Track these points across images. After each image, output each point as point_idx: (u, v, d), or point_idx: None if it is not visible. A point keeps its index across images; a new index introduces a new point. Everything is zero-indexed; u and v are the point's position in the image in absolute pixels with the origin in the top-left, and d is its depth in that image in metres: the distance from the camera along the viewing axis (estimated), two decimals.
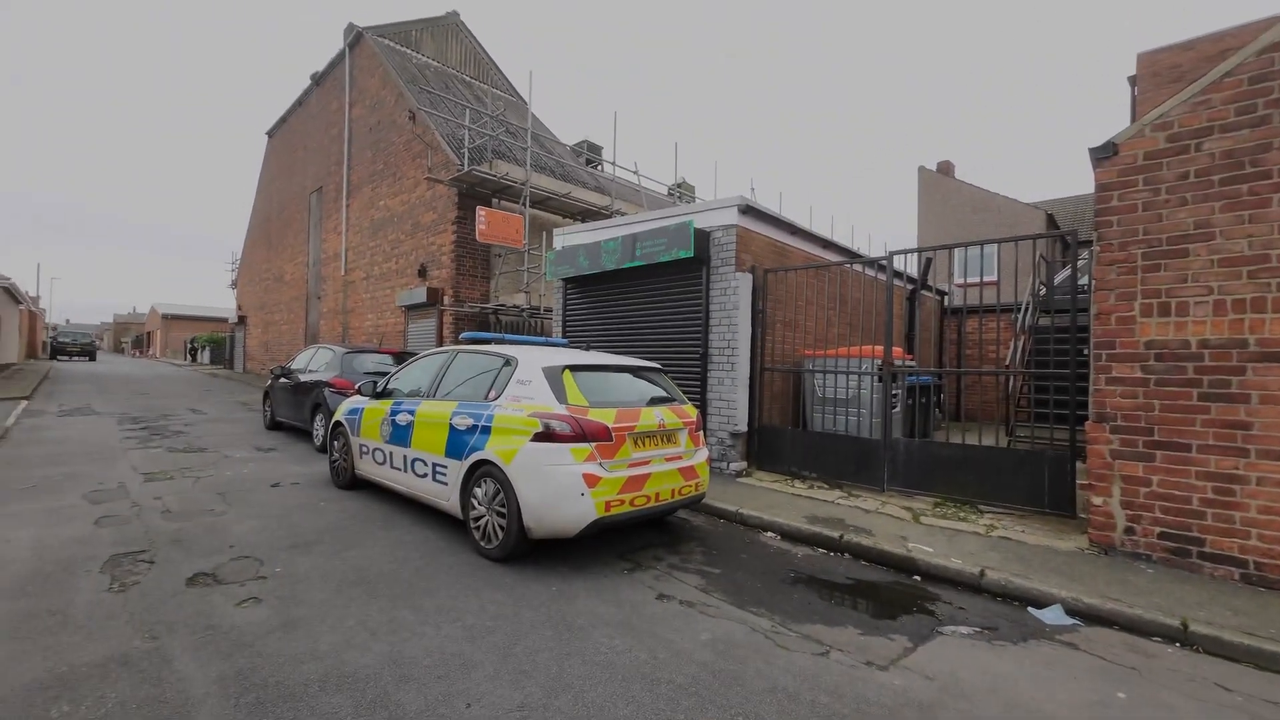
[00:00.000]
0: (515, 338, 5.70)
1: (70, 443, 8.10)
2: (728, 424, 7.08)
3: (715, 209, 7.36)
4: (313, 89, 20.78)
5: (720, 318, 7.21)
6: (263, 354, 24.41)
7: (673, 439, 4.62)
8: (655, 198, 19.63)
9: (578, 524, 3.95)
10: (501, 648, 2.96)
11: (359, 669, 2.71)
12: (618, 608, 3.49)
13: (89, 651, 2.79)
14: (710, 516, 5.62)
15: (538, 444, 4.03)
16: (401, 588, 3.65)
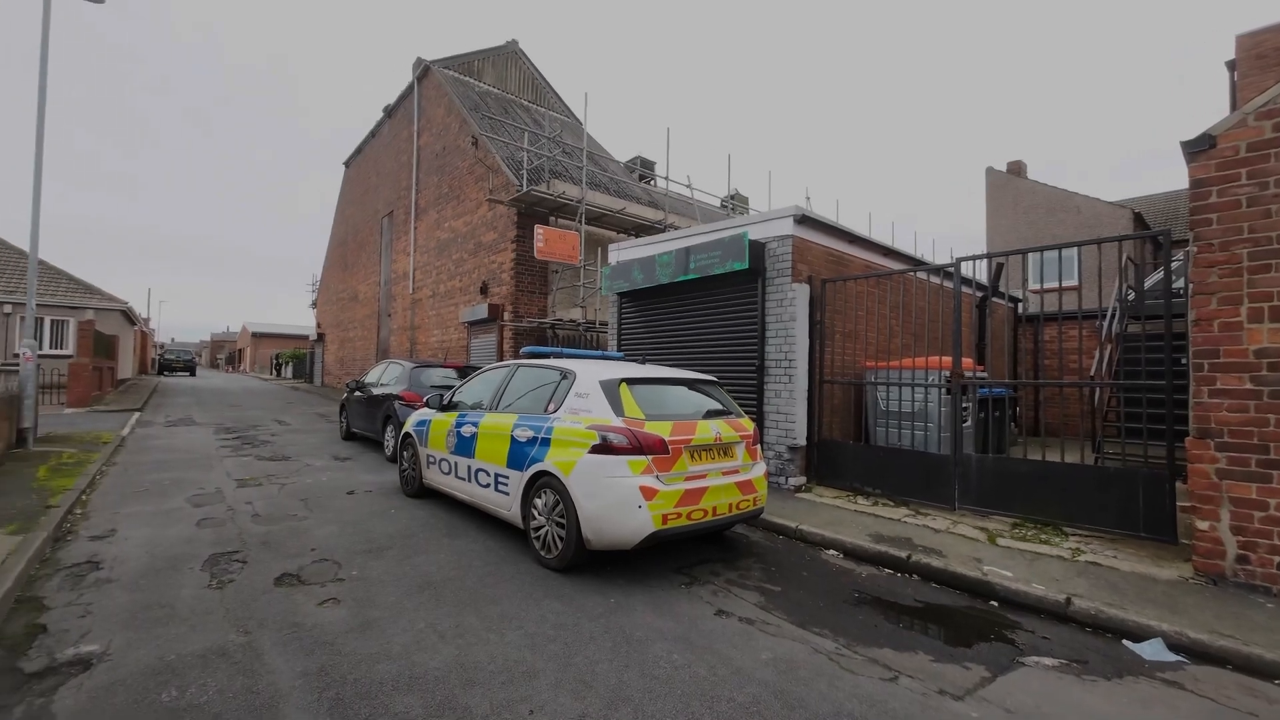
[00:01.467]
0: (572, 352, 5.84)
1: (175, 450, 8.92)
2: (785, 438, 6.94)
3: (770, 220, 7.30)
4: (385, 120, 22.21)
5: (777, 329, 7.10)
6: (339, 369, 26.02)
7: (729, 452, 4.58)
8: (708, 210, 19.65)
9: (635, 536, 3.97)
10: (562, 657, 3.01)
11: (428, 671, 2.83)
12: (676, 622, 3.48)
13: (192, 642, 3.05)
14: (768, 532, 5.51)
15: (595, 456, 4.09)
16: (466, 594, 3.78)
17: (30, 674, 2.72)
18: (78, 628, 3.17)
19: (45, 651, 2.92)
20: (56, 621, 3.24)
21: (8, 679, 2.67)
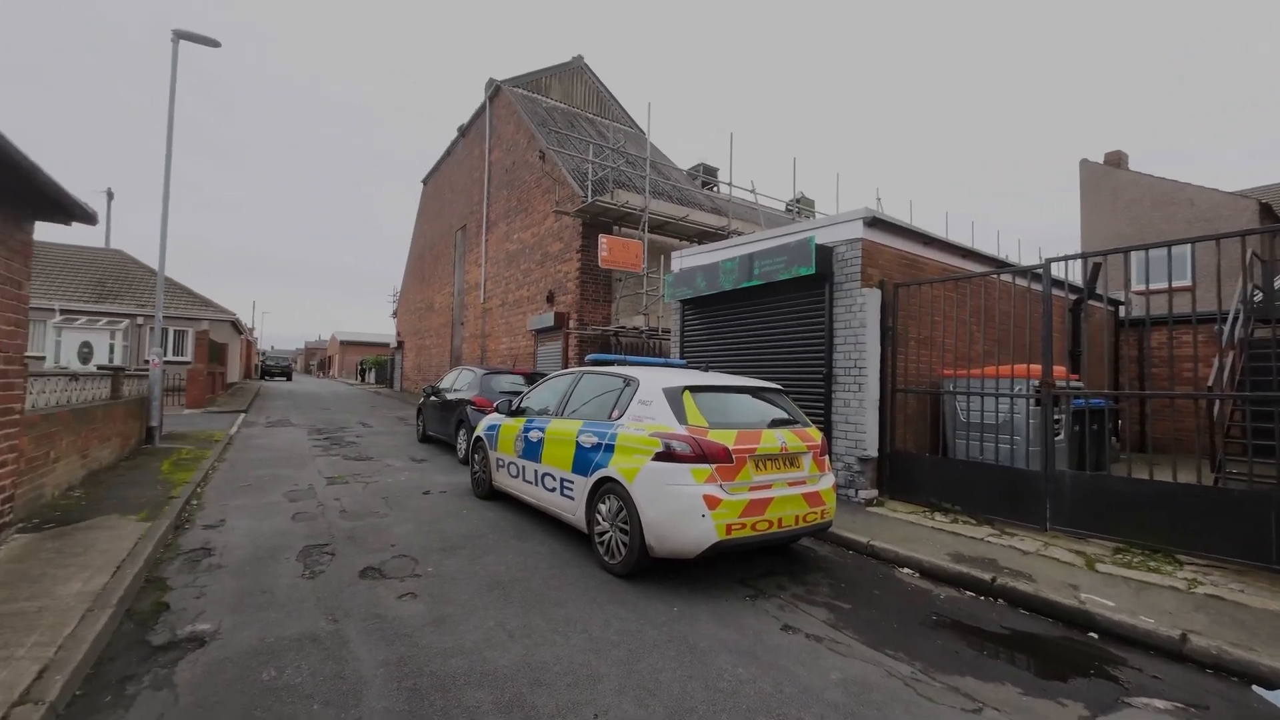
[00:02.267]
0: (636, 359, 5.90)
1: (274, 449, 9.74)
2: (855, 449, 6.67)
3: (838, 223, 7.08)
4: (459, 139, 23.42)
5: (845, 336, 6.86)
6: (416, 375, 27.55)
7: (796, 463, 4.46)
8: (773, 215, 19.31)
9: (698, 545, 3.94)
10: (626, 663, 3.03)
11: (498, 668, 2.93)
12: (740, 635, 3.42)
13: (288, 627, 3.31)
14: (837, 547, 5.31)
15: (659, 463, 4.11)
16: (533, 595, 3.89)
17: (156, 647, 3.05)
18: (194, 608, 3.52)
19: (168, 627, 3.26)
20: (177, 601, 3.61)
21: (138, 650, 3.00)
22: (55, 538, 4.38)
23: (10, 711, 2.27)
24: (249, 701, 2.58)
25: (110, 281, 20.93)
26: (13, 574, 3.64)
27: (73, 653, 2.73)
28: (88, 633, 2.92)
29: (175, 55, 9.95)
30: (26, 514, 4.82)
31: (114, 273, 21.51)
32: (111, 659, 2.91)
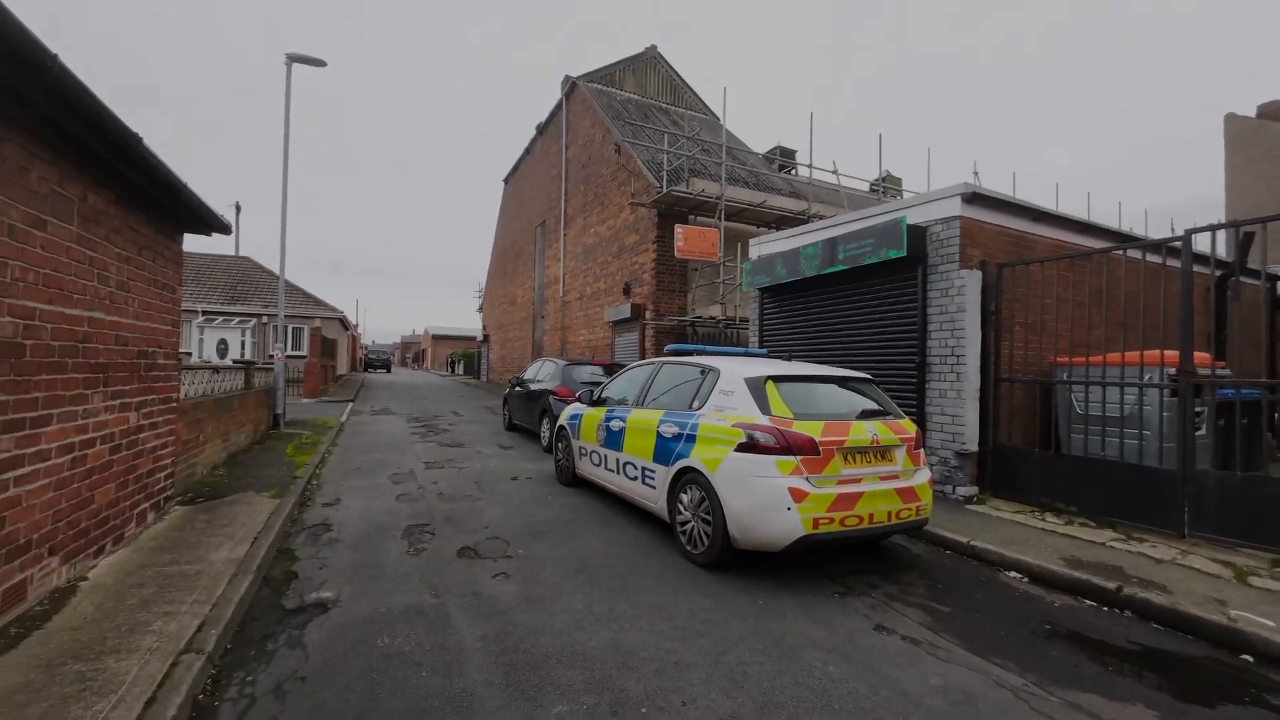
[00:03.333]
0: (715, 349, 5.84)
1: (378, 435, 10.59)
2: (952, 442, 6.24)
3: (932, 201, 6.60)
4: (537, 137, 24.12)
5: (941, 322, 6.41)
6: (501, 366, 28.88)
7: (888, 456, 4.24)
8: (857, 197, 18.35)
9: (784, 539, 3.86)
10: (712, 653, 3.03)
11: (587, 650, 3.03)
12: (830, 633, 3.31)
13: (396, 599, 3.60)
14: (933, 546, 5.00)
15: (741, 454, 4.05)
16: (618, 581, 3.98)
17: (288, 610, 3.41)
18: (317, 577, 3.91)
19: (297, 593, 3.64)
20: (303, 570, 4.03)
21: (274, 612, 3.38)
22: (205, 510, 5.02)
23: (179, 658, 2.63)
24: (367, 665, 2.83)
25: (240, 285, 23.54)
26: (175, 540, 4.21)
27: (223, 611, 3.12)
28: (234, 594, 3.33)
29: (289, 77, 10.95)
30: (183, 489, 5.55)
31: (243, 277, 24.17)
32: (254, 619, 3.29)
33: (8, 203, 2.83)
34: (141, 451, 4.37)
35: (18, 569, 2.95)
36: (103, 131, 3.18)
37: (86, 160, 3.47)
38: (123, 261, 4.01)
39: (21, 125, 2.89)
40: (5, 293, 2.81)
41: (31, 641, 2.73)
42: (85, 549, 3.59)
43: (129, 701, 2.30)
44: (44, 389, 3.13)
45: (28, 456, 3.01)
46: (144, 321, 4.35)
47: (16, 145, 2.88)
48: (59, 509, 3.30)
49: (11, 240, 2.86)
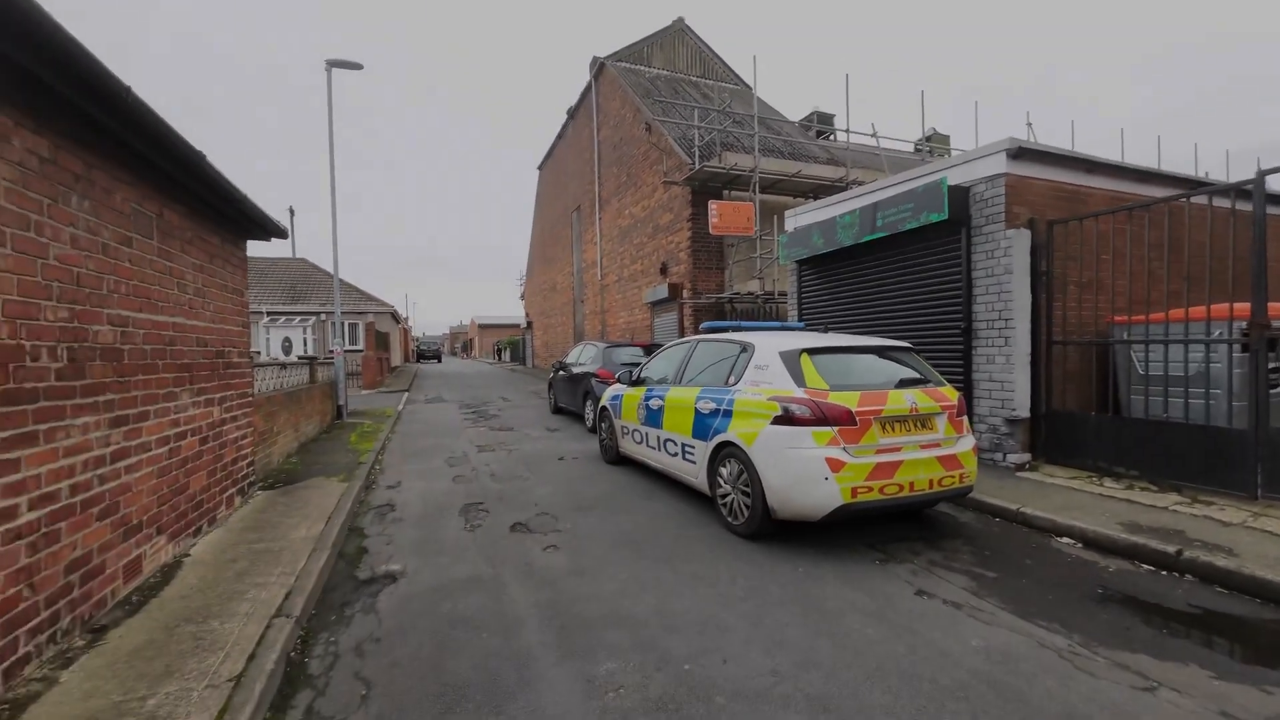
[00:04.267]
0: (751, 325, 5.87)
1: (432, 422, 11.12)
2: (1001, 409, 6.07)
3: (974, 159, 6.34)
4: (569, 122, 24.16)
5: (987, 285, 6.20)
6: (544, 351, 29.50)
7: (928, 424, 4.21)
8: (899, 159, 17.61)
9: (822, 508, 3.92)
10: (752, 616, 3.16)
11: (633, 614, 3.21)
12: (870, 597, 3.38)
13: (457, 571, 3.88)
14: (980, 514, 4.94)
15: (778, 427, 4.11)
16: (662, 552, 4.14)
17: (361, 581, 3.75)
18: (385, 552, 4.25)
19: (368, 566, 3.98)
20: (373, 546, 4.38)
21: (350, 583, 3.72)
22: (283, 494, 5.48)
23: (271, 621, 2.96)
24: (434, 627, 3.10)
25: (299, 285, 24.85)
26: (259, 521, 4.64)
27: (305, 581, 3.47)
28: (314, 567, 3.68)
29: (330, 81, 11.39)
30: (262, 475, 6.06)
31: (300, 277, 25.49)
32: (332, 588, 3.64)
33: (99, 223, 3.17)
34: (225, 442, 4.81)
35: (133, 545, 3.36)
36: (172, 152, 3.49)
37: (159, 179, 3.81)
38: (197, 270, 4.40)
39: (104, 151, 3.21)
40: (104, 303, 3.17)
41: (150, 607, 3.13)
42: (186, 529, 4.03)
43: (234, 657, 2.63)
44: (141, 388, 3.52)
45: (133, 448, 3.41)
46: (219, 324, 4.76)
47: (102, 170, 3.21)
48: (161, 494, 3.72)
49: (105, 256, 3.21)
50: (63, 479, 2.77)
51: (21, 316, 2.54)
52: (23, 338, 2.54)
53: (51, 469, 2.69)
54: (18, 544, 2.47)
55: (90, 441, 2.99)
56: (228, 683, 2.43)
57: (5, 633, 2.37)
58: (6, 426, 2.43)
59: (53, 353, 2.72)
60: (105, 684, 2.43)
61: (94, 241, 3.10)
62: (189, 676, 2.48)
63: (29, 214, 2.62)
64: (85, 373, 2.96)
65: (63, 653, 2.67)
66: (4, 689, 2.35)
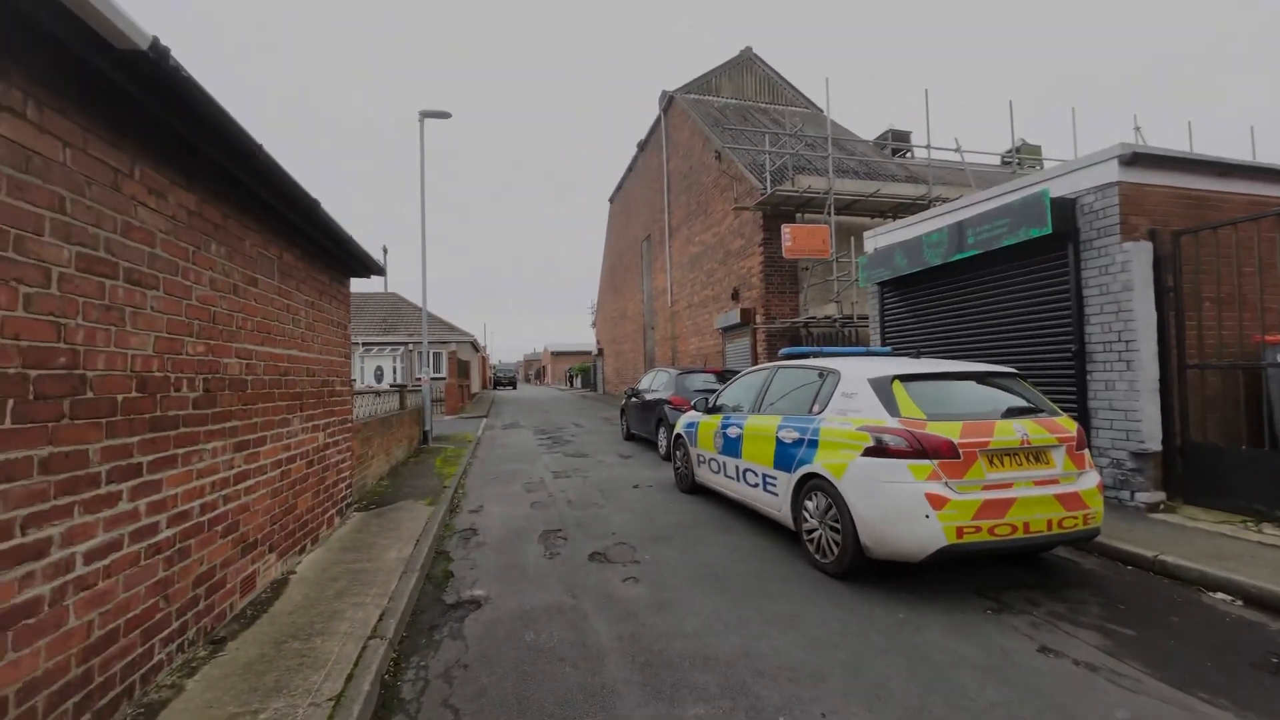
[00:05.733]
0: (833, 350, 5.63)
1: (510, 448, 11.45)
2: (1125, 440, 5.42)
3: (1079, 169, 5.84)
4: (639, 154, 24.82)
5: (1102, 304, 5.63)
6: (615, 378, 29.87)
7: (1043, 458, 3.81)
8: (985, 174, 16.66)
9: (923, 549, 3.61)
10: (849, 665, 2.92)
11: (719, 654, 3.06)
12: (985, 652, 3.04)
13: (538, 598, 3.88)
14: (1108, 560, 4.38)
15: (870, 459, 3.86)
16: (745, 588, 3.96)
17: (449, 605, 3.83)
18: (469, 577, 4.33)
19: (454, 590, 4.07)
20: (458, 570, 4.49)
21: (437, 606, 3.81)
22: (377, 516, 5.77)
23: (367, 642, 3.07)
24: (518, 657, 3.09)
25: (389, 317, 26.74)
26: (355, 542, 4.90)
27: (397, 603, 3.58)
28: (404, 589, 3.80)
29: (422, 129, 12.36)
30: (358, 497, 6.43)
31: (391, 311, 27.43)
32: (421, 611, 3.74)
33: (232, 266, 3.53)
34: (328, 465, 5.15)
35: (249, 562, 3.63)
36: (293, 200, 3.86)
37: (280, 225, 4.22)
38: (308, 306, 4.80)
39: (236, 203, 3.60)
40: (233, 339, 3.51)
41: (262, 622, 3.35)
42: (292, 548, 4.31)
43: (334, 676, 2.73)
44: (260, 415, 3.84)
45: (252, 470, 3.71)
46: (325, 355, 5.15)
47: (235, 219, 3.59)
48: (274, 514, 4.01)
49: (236, 296, 3.56)
50: (195, 499, 3.04)
51: (169, 352, 2.85)
52: (169, 370, 2.84)
53: (186, 489, 2.96)
54: (156, 558, 2.72)
55: (218, 465, 3.28)
56: (328, 702, 2.52)
57: (144, 640, 2.59)
58: (153, 450, 2.70)
59: (191, 383, 3.03)
60: (223, 695, 2.59)
61: (227, 283, 3.46)
62: (295, 693, 2.59)
63: (178, 260, 2.96)
64: (216, 401, 3.27)
65: (188, 661, 2.88)
66: (140, 693, 2.56)
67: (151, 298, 2.73)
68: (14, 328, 1.98)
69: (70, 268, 2.23)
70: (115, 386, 2.46)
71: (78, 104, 2.29)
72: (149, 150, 2.74)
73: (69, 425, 2.20)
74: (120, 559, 2.46)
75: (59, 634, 2.12)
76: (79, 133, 2.30)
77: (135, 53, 2.14)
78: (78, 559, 2.22)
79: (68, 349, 2.21)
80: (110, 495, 2.41)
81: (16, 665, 1.93)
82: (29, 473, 2.01)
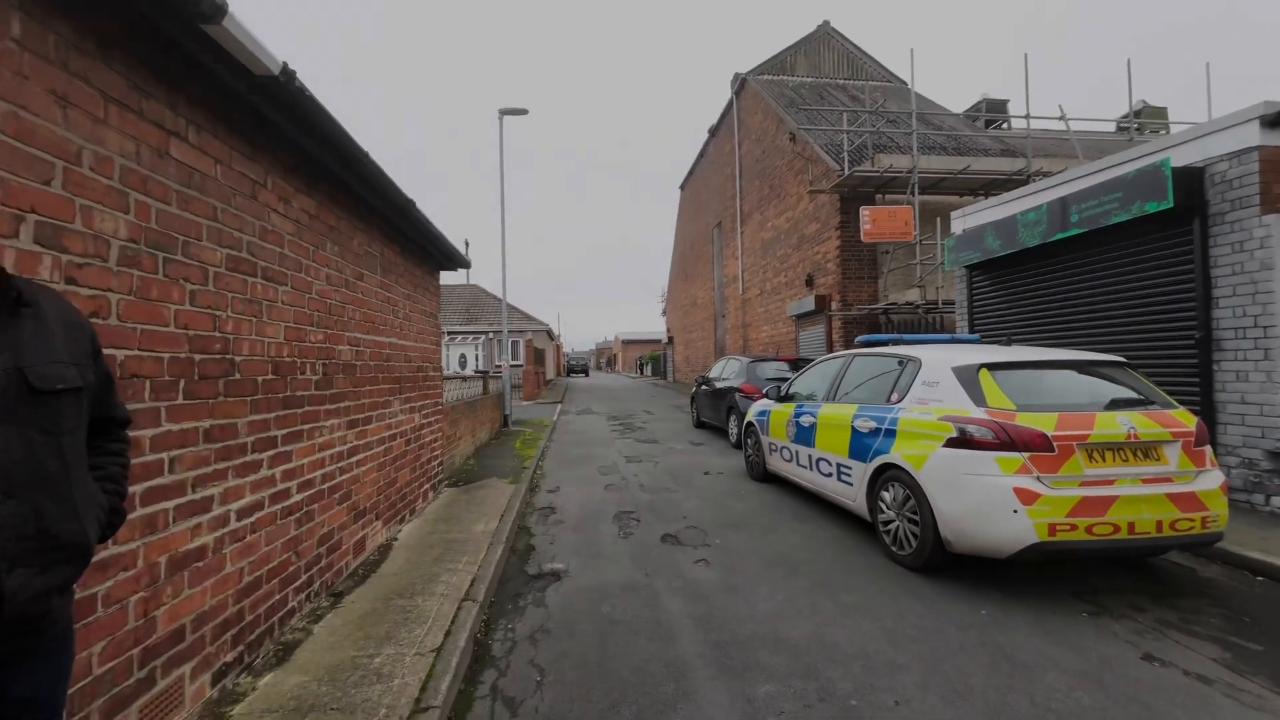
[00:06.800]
0: (914, 337, 5.42)
1: (585, 432, 11.84)
2: (1261, 439, 4.84)
3: (1208, 134, 5.22)
4: (710, 140, 24.50)
5: (1235, 285, 5.03)
6: (685, 366, 29.90)
7: (1153, 454, 3.51)
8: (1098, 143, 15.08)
9: (1011, 545, 3.45)
10: (927, 659, 2.87)
11: (790, 639, 3.10)
12: (1079, 656, 2.89)
13: (612, 575, 4.08)
14: (1234, 569, 3.98)
15: (952, 450, 3.72)
16: (819, 577, 3.95)
17: (531, 575, 4.11)
18: (549, 551, 4.61)
19: (536, 563, 4.35)
20: (539, 544, 4.78)
21: (521, 576, 4.10)
22: (465, 492, 6.22)
23: (461, 604, 3.37)
24: (596, 627, 3.29)
25: (472, 308, 28.20)
26: (447, 515, 5.32)
27: (486, 571, 3.89)
28: (492, 559, 4.12)
29: (501, 127, 12.89)
30: (448, 474, 6.95)
31: (473, 301, 28.91)
32: (507, 580, 4.04)
33: (344, 263, 3.93)
34: (423, 444, 5.61)
35: (360, 527, 4.06)
36: (392, 201, 4.22)
37: (383, 224, 4.62)
38: (406, 298, 5.23)
39: (347, 206, 3.99)
40: (345, 328, 3.92)
41: (372, 580, 3.75)
42: (394, 517, 4.76)
43: (435, 632, 3.04)
44: (367, 396, 4.26)
45: (361, 446, 4.13)
46: (420, 343, 5.59)
47: (347, 221, 3.99)
48: (379, 486, 4.45)
49: (347, 290, 3.97)
50: (317, 469, 3.45)
51: (295, 339, 3.24)
52: (296, 356, 3.24)
53: (310, 460, 3.37)
54: (289, 519, 3.13)
55: (334, 440, 3.69)
56: (431, 653, 2.81)
57: (281, 589, 3.01)
58: (285, 425, 3.10)
59: (313, 368, 3.43)
60: (344, 640, 2.96)
61: (340, 278, 3.86)
62: (402, 643, 2.92)
63: (301, 259, 3.34)
64: (332, 384, 3.68)
65: (315, 610, 3.30)
66: (279, 633, 2.98)
67: (282, 292, 3.11)
68: (184, 319, 2.35)
69: (222, 267, 2.61)
70: (256, 369, 2.85)
71: (226, 125, 2.65)
72: (279, 162, 3.11)
73: (223, 402, 2.58)
74: (263, 517, 2.86)
75: (219, 577, 2.51)
76: (226, 150, 2.67)
77: (268, 77, 2.45)
78: (232, 515, 2.61)
79: (221, 337, 2.59)
80: (254, 463, 2.80)
81: (191, 600, 2.33)
82: (196, 441, 2.39)
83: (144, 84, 2.17)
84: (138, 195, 2.13)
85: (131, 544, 2.03)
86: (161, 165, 2.26)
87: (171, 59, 2.25)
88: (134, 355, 2.08)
